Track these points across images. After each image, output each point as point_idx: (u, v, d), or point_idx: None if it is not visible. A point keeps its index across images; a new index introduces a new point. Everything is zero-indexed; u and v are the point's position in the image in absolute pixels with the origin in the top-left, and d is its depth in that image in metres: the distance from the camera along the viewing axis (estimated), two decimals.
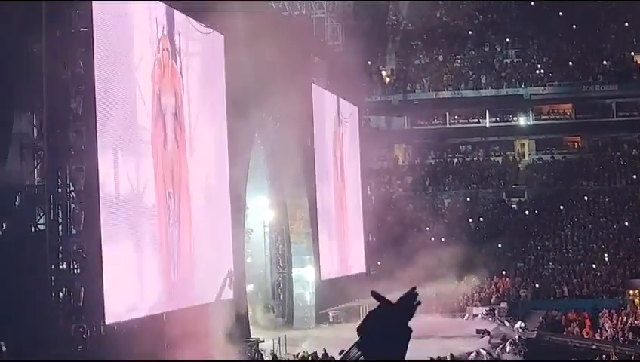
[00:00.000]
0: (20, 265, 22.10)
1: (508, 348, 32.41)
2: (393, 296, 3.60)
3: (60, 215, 22.88)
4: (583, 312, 41.56)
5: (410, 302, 3.57)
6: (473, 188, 57.75)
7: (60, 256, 22.74)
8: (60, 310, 22.48)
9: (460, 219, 53.97)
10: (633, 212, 53.33)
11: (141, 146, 25.93)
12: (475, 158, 60.25)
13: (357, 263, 46.86)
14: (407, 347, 3.53)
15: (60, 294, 22.60)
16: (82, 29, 23.29)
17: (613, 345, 34.34)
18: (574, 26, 60.84)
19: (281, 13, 40.26)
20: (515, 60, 61.07)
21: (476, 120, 60.42)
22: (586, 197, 55.11)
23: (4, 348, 18.44)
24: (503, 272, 48.66)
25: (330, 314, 41.10)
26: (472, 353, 31.02)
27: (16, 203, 24.07)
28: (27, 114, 23.80)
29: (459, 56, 61.80)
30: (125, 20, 25.50)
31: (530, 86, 59.13)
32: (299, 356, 29.81)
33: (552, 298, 46.09)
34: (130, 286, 24.60)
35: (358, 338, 3.53)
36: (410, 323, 3.54)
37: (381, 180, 58.23)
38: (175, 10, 28.49)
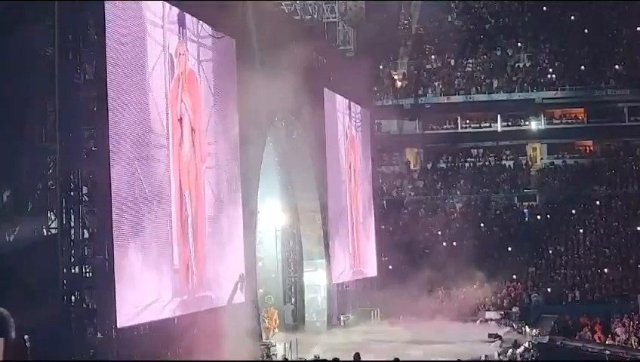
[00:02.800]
0: (32, 269, 22.13)
1: (520, 352, 32.31)
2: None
3: (72, 218, 22.90)
4: (595, 317, 41.47)
5: None
6: (485, 193, 57.61)
7: (72, 259, 22.73)
8: (71, 313, 22.50)
9: (472, 223, 53.92)
10: None
11: (155, 150, 25.93)
12: (487, 162, 60.07)
13: (368, 267, 46.83)
14: None
15: (72, 297, 22.62)
16: (95, 34, 23.34)
17: (626, 349, 34.25)
18: (586, 30, 60.71)
19: (293, 17, 40.31)
20: (526, 64, 60.88)
21: (488, 124, 60.30)
22: (598, 202, 54.93)
23: (28, 344, 18.46)
24: (515, 277, 48.58)
25: (342, 318, 41.10)
26: (482, 357, 30.95)
27: (29, 206, 24.10)
28: (39, 117, 23.81)
29: (470, 60, 61.64)
30: (138, 25, 25.50)
31: (542, 90, 58.90)
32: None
33: (563, 302, 46.01)
34: (142, 290, 24.58)
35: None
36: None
37: (393, 184, 58.26)
38: (187, 15, 28.54)
